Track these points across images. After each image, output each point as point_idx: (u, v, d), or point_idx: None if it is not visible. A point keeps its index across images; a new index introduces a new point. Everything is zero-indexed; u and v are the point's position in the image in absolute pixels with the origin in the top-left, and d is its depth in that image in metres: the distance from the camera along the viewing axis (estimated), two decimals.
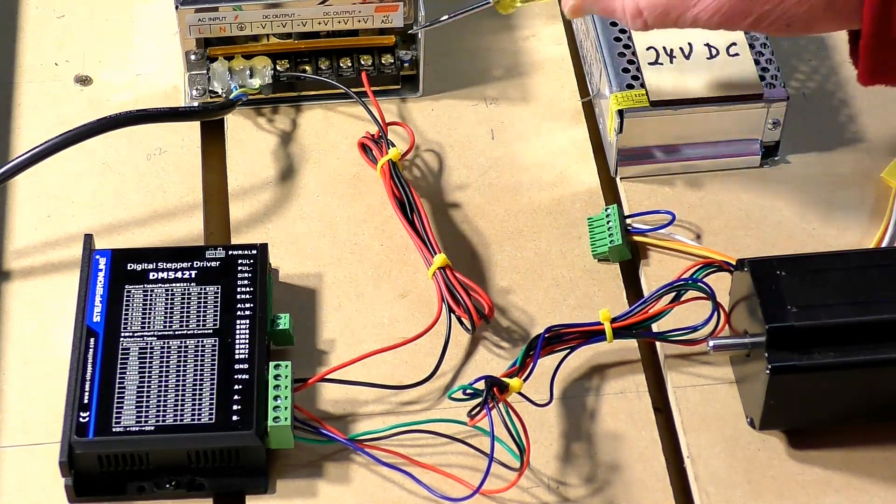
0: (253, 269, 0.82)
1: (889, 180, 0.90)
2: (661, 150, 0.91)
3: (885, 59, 0.78)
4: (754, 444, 0.80)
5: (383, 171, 0.88)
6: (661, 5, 0.79)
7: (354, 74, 0.94)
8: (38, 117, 0.94)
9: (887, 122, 0.94)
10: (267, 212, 0.90)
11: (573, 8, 0.83)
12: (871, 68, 0.78)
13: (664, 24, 0.80)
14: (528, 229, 0.89)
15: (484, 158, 0.93)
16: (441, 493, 0.77)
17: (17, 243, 0.88)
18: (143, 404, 0.77)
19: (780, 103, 0.89)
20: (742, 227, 0.89)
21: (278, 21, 0.91)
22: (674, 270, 0.85)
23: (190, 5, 0.90)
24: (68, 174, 0.91)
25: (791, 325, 0.76)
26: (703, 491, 0.78)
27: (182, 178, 0.91)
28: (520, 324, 0.85)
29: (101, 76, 0.96)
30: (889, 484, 0.78)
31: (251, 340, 0.79)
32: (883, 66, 0.78)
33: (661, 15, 0.79)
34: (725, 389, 0.82)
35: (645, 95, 0.89)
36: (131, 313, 0.80)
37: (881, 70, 0.78)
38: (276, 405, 0.77)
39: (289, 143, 0.93)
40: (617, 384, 0.82)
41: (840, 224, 0.89)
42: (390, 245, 0.88)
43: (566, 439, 0.80)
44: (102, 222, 0.89)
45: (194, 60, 0.92)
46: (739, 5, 0.77)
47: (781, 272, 0.78)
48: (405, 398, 0.82)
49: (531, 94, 0.96)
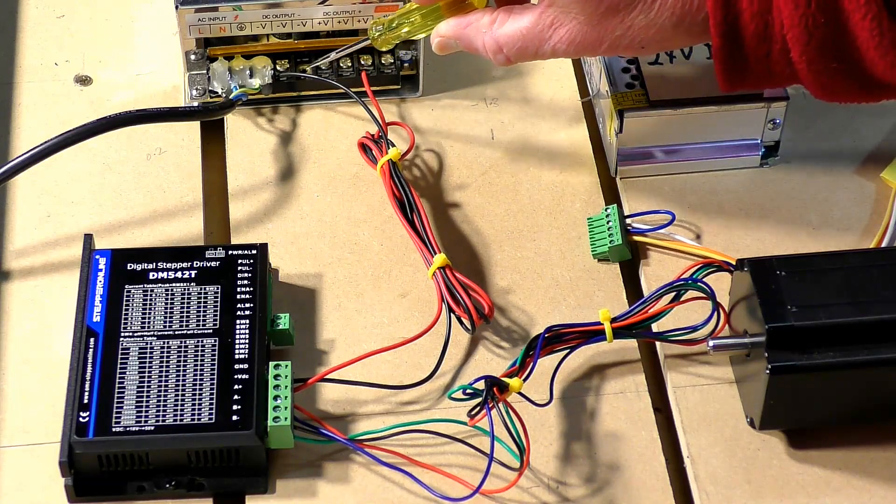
0: (253, 269, 0.82)
1: (889, 180, 0.90)
2: (661, 150, 0.91)
3: (741, 70, 0.80)
4: (754, 444, 0.80)
5: (383, 171, 0.88)
6: (518, 41, 0.82)
7: (354, 74, 0.94)
8: (38, 117, 0.94)
9: (887, 123, 0.94)
10: (267, 212, 0.90)
11: (439, 46, 0.86)
12: (728, 79, 0.80)
13: (525, 58, 0.83)
14: (528, 229, 0.89)
15: (484, 158, 0.93)
16: (441, 493, 0.77)
17: (17, 243, 0.88)
18: (142, 404, 0.77)
19: (780, 103, 0.89)
20: (742, 227, 0.89)
21: (278, 21, 0.91)
22: (674, 270, 0.85)
23: (190, 5, 0.90)
24: (68, 174, 0.91)
25: (791, 325, 0.76)
26: (702, 491, 0.78)
27: (182, 178, 0.91)
28: (520, 324, 0.85)
29: (101, 76, 0.96)
30: (889, 484, 0.79)
31: (251, 340, 0.79)
32: (741, 76, 0.80)
33: (520, 50, 0.82)
34: (725, 389, 0.82)
35: (645, 95, 0.89)
36: (131, 313, 0.80)
37: (739, 79, 0.80)
38: (276, 405, 0.77)
39: (289, 143, 0.93)
40: (617, 384, 0.83)
41: (840, 224, 0.89)
42: (390, 245, 0.88)
43: (566, 439, 0.80)
44: (102, 222, 0.89)
45: (194, 60, 0.92)
46: (591, 34, 0.80)
47: (781, 272, 0.78)
48: (405, 398, 0.82)
49: (531, 94, 0.96)
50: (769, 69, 0.79)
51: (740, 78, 0.80)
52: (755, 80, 0.80)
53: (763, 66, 0.79)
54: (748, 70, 0.79)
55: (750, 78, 0.80)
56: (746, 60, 0.79)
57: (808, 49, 0.77)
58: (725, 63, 0.79)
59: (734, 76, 0.80)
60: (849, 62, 0.77)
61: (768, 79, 0.80)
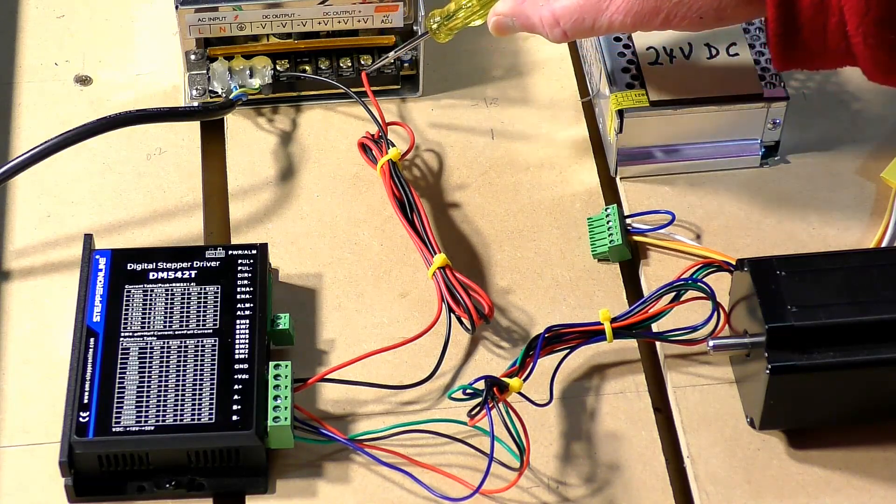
0: (253, 269, 0.82)
1: (889, 180, 0.90)
2: (661, 150, 0.91)
3: (794, 44, 0.79)
4: (754, 444, 0.80)
5: (383, 171, 0.88)
6: (575, 12, 0.82)
7: (354, 74, 0.94)
8: (38, 117, 0.94)
9: (887, 122, 0.94)
10: (267, 212, 0.90)
11: (496, 25, 0.86)
12: (781, 54, 0.80)
13: (582, 31, 0.83)
14: (528, 229, 0.89)
15: (484, 158, 0.93)
16: (441, 493, 0.77)
17: (17, 243, 0.88)
18: (142, 404, 0.77)
19: (780, 103, 0.89)
20: (742, 227, 0.89)
21: (278, 21, 0.91)
22: (674, 270, 0.85)
23: (190, 5, 0.90)
24: (68, 174, 0.91)
25: (791, 325, 0.76)
26: (702, 491, 0.78)
27: (182, 178, 0.91)
28: (520, 324, 0.85)
29: (101, 76, 0.96)
30: (889, 484, 0.79)
31: (251, 340, 0.79)
32: (793, 52, 0.79)
33: (577, 22, 0.82)
34: (725, 389, 0.82)
35: (645, 95, 0.89)
36: (131, 313, 0.80)
37: (791, 56, 0.80)
38: (276, 405, 0.77)
39: (289, 143, 0.93)
40: (617, 384, 0.83)
41: (840, 224, 0.89)
42: (390, 245, 0.88)
43: (566, 439, 0.80)
44: (102, 222, 0.89)
45: (194, 60, 0.92)
46: (649, 4, 0.80)
47: (781, 272, 0.78)
48: (405, 398, 0.82)
49: (531, 94, 0.96)
50: (825, 43, 0.78)
51: (793, 53, 0.79)
52: (809, 57, 0.79)
53: (818, 40, 0.78)
54: (802, 44, 0.78)
55: (803, 54, 0.79)
56: (801, 32, 0.78)
57: (865, 20, 0.76)
58: (779, 35, 0.78)
59: (788, 51, 0.79)
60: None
61: (822, 55, 0.79)
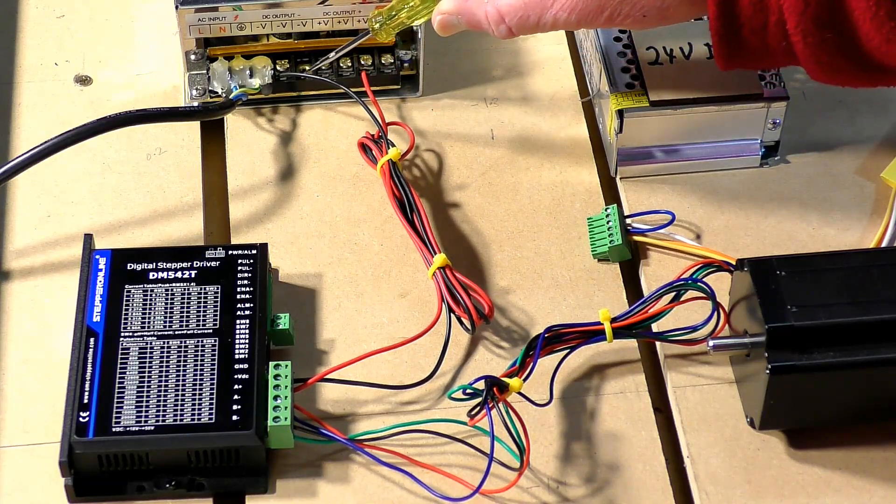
0: (253, 269, 0.82)
1: (889, 180, 0.90)
2: (661, 150, 0.91)
3: (737, 43, 0.79)
4: (754, 444, 0.80)
5: (383, 171, 0.88)
6: (520, 9, 0.82)
7: (354, 74, 0.94)
8: (38, 117, 0.94)
9: (887, 122, 0.94)
10: (267, 212, 0.90)
11: (442, 24, 0.86)
12: (724, 53, 0.80)
13: (527, 28, 0.83)
14: (528, 229, 0.89)
15: (484, 158, 0.93)
16: (441, 493, 0.77)
17: (17, 243, 0.88)
18: (142, 404, 0.77)
19: (780, 103, 0.89)
20: (742, 227, 0.89)
21: (278, 21, 0.91)
22: (674, 270, 0.85)
23: (190, 5, 0.90)
24: (68, 174, 0.91)
25: (791, 325, 0.76)
26: (702, 491, 0.78)
27: (182, 178, 0.91)
28: (520, 324, 0.85)
29: (101, 76, 0.96)
30: (889, 484, 0.79)
31: (251, 340, 0.79)
32: (736, 50, 0.80)
33: (522, 19, 0.82)
34: (725, 389, 0.82)
35: (645, 95, 0.89)
36: (131, 313, 0.80)
37: (735, 54, 0.80)
38: (276, 405, 0.77)
39: (289, 143, 0.93)
40: (617, 384, 0.83)
41: (840, 224, 0.89)
42: (390, 245, 0.88)
43: (566, 439, 0.80)
44: (102, 222, 0.89)
45: (194, 60, 0.92)
46: (592, 2, 0.80)
47: (781, 272, 0.78)
48: (405, 398, 0.82)
49: (531, 94, 0.96)
50: (765, 42, 0.78)
51: (737, 52, 0.79)
52: (751, 56, 0.80)
53: (759, 39, 0.78)
54: (745, 43, 0.79)
55: (746, 53, 0.79)
56: (742, 31, 0.78)
57: (803, 19, 0.76)
58: (721, 34, 0.79)
59: (730, 50, 0.79)
60: (844, 35, 0.76)
61: (765, 54, 0.79)
